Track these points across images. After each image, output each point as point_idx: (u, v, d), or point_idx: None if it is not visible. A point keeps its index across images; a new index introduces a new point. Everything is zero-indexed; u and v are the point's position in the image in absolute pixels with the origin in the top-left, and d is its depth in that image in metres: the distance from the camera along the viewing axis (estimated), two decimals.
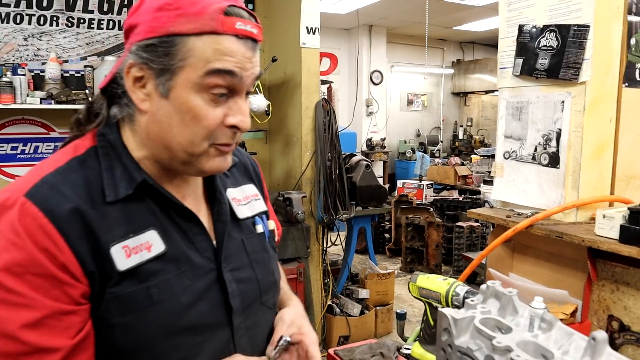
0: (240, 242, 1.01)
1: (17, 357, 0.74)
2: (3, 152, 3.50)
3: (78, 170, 0.85)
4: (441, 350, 1.08)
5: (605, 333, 0.89)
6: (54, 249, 0.77)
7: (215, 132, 0.86)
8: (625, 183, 1.85)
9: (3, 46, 3.40)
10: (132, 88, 0.86)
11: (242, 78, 0.85)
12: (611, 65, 1.57)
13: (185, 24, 0.81)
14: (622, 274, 1.44)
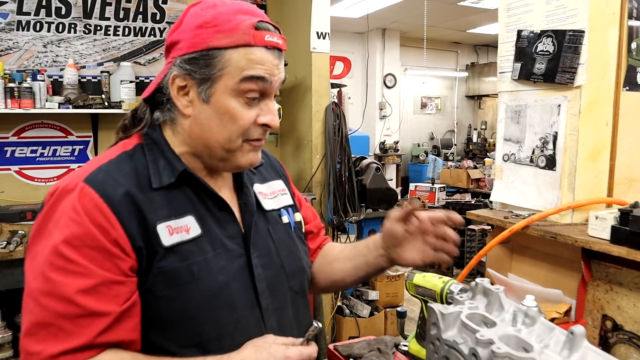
0: (266, 231, 1.12)
1: (73, 319, 0.85)
2: (23, 155, 3.62)
3: (128, 162, 0.99)
4: (430, 344, 1.13)
5: (583, 327, 0.93)
6: (107, 226, 0.89)
7: (249, 130, 0.99)
8: (627, 186, 1.87)
9: (23, 53, 3.52)
10: (176, 96, 1.00)
11: (271, 83, 0.98)
12: (607, 70, 1.60)
13: (222, 39, 0.95)
14: (616, 275, 1.46)
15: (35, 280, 0.87)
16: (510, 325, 1.03)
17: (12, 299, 3.07)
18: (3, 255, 2.64)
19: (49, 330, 0.84)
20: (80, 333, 0.85)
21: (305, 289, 1.19)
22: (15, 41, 3.48)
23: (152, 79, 3.44)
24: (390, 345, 1.54)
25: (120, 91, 3.57)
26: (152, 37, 3.88)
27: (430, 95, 10.61)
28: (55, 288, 0.85)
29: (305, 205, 1.33)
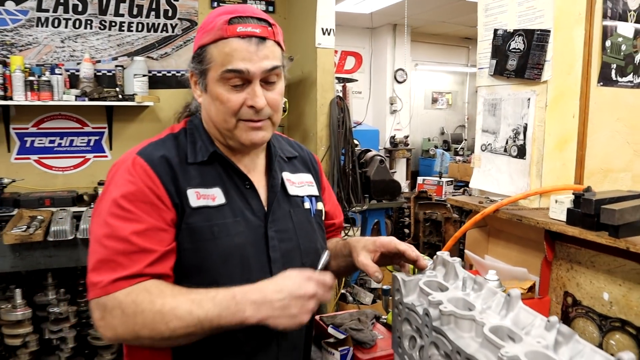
0: (287, 212, 1.28)
1: (128, 255, 1.05)
2: (42, 145, 3.81)
3: (172, 141, 1.21)
4: (395, 309, 1.28)
5: (518, 291, 1.07)
6: (153, 186, 1.11)
7: (239, 111, 1.15)
8: (603, 176, 1.99)
9: (42, 48, 3.71)
10: (193, 88, 1.23)
11: (249, 71, 1.12)
12: (573, 66, 1.72)
13: (205, 37, 1.15)
14: (575, 254, 1.59)
15: (99, 227, 1.09)
16: (460, 290, 1.17)
17: (31, 280, 3.28)
18: (23, 237, 2.82)
19: (109, 265, 1.05)
20: (132, 265, 1.05)
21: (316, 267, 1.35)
22: (35, 37, 3.68)
23: (164, 73, 3.64)
24: (371, 317, 1.69)
25: (134, 84, 3.75)
26: (164, 32, 4.05)
27: (441, 91, 10.67)
28: (114, 231, 1.06)
29: (334, 202, 1.51)
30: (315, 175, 1.43)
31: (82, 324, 3.16)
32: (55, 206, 3.41)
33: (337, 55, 9.02)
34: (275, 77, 1.18)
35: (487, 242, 1.95)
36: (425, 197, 6.48)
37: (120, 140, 3.97)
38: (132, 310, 1.01)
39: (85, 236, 2.95)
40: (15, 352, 2.95)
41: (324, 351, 1.47)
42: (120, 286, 1.03)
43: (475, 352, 0.99)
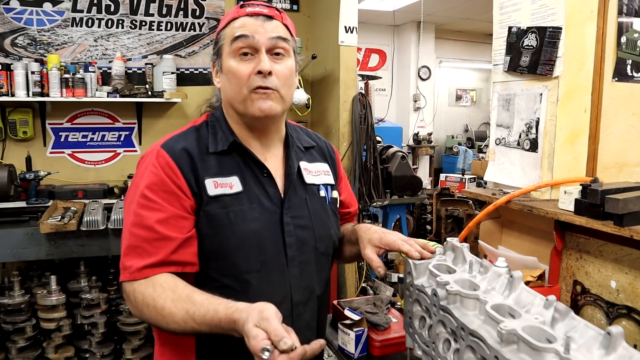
0: (303, 200, 1.35)
1: (152, 242, 1.16)
2: (75, 140, 3.98)
3: (194, 133, 1.30)
4: (406, 291, 1.36)
5: (520, 272, 1.14)
6: (173, 176, 1.20)
7: (249, 80, 1.23)
8: (618, 170, 2.03)
9: (77, 47, 3.88)
10: (214, 77, 1.34)
11: (254, 37, 1.23)
12: (585, 62, 1.76)
13: (221, 25, 1.30)
14: (585, 244, 1.64)
15: (129, 216, 1.20)
16: (467, 273, 1.25)
17: (65, 267, 3.45)
18: (58, 227, 2.97)
19: (136, 251, 1.16)
20: (157, 252, 1.16)
21: (330, 252, 1.43)
22: (70, 36, 3.85)
23: (191, 70, 3.77)
24: (386, 302, 1.77)
25: (163, 81, 3.88)
26: (192, 31, 4.17)
27: (465, 88, 10.63)
28: (141, 220, 1.17)
29: (349, 192, 1.58)
30: (332, 165, 1.49)
31: (112, 311, 3.30)
32: (87, 198, 3.57)
33: (361, 52, 9.08)
34: (283, 51, 1.27)
35: (501, 233, 2.01)
36: (448, 194, 6.51)
37: (149, 135, 4.12)
38: (140, 302, 1.14)
39: (116, 226, 3.10)
40: (49, 335, 3.11)
41: (339, 331, 1.56)
42: (147, 274, 1.15)
43: (478, 328, 1.06)
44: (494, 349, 1.00)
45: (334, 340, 1.61)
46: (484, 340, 1.03)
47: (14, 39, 3.71)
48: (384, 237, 1.33)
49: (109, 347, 3.25)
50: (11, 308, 3.01)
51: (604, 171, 1.96)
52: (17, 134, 3.72)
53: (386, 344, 1.54)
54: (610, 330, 0.88)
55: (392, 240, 1.33)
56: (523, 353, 0.95)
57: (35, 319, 3.08)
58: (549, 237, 1.75)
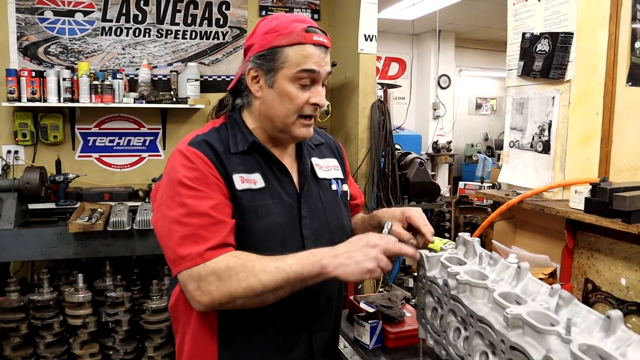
0: (317, 194, 1.45)
1: (208, 227, 1.21)
2: (103, 144, 4.12)
3: (216, 134, 1.36)
4: (419, 283, 1.42)
5: (527, 264, 1.19)
6: (209, 169, 1.27)
7: (302, 108, 1.31)
8: (632, 173, 2.06)
9: (106, 55, 4.03)
10: (251, 84, 1.35)
11: (319, 73, 1.30)
12: (597, 66, 1.81)
13: (282, 40, 1.29)
14: (595, 243, 1.68)
15: (175, 209, 1.23)
16: (477, 265, 1.30)
17: (91, 266, 3.57)
18: (86, 227, 3.08)
19: (192, 239, 1.20)
20: (214, 237, 1.21)
21: None
22: (100, 45, 4.00)
23: (215, 78, 3.89)
24: (401, 298, 1.83)
25: (187, 88, 4.00)
26: (216, 40, 4.30)
27: (485, 96, 10.62)
28: (193, 209, 1.22)
29: (354, 184, 1.68)
30: (340, 160, 1.59)
31: (135, 310, 3.40)
32: (113, 200, 3.69)
33: (381, 61, 9.15)
34: (327, 80, 1.37)
35: (514, 233, 2.05)
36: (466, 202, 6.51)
37: (173, 140, 4.24)
38: (227, 274, 1.17)
39: (141, 227, 3.20)
40: (76, 331, 3.22)
41: (355, 323, 1.62)
42: (210, 256, 1.19)
43: (486, 315, 1.12)
44: (500, 333, 1.05)
45: (350, 333, 1.67)
46: (491, 325, 1.08)
47: (47, 48, 3.88)
48: (405, 211, 1.42)
49: (132, 344, 3.35)
50: (40, 304, 3.13)
51: (618, 174, 1.99)
52: (48, 138, 3.87)
53: (400, 336, 1.60)
54: (610, 314, 0.93)
55: (414, 215, 1.41)
56: (527, 336, 1.01)
57: (63, 315, 3.19)
58: (560, 236, 1.79)
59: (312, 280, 1.19)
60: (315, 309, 1.41)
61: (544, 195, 1.85)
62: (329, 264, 1.17)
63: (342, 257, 1.18)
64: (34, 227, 3.23)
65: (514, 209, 1.94)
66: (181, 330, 1.40)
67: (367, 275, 1.17)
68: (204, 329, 1.34)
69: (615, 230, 1.52)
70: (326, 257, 1.18)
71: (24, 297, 3.15)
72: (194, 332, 1.35)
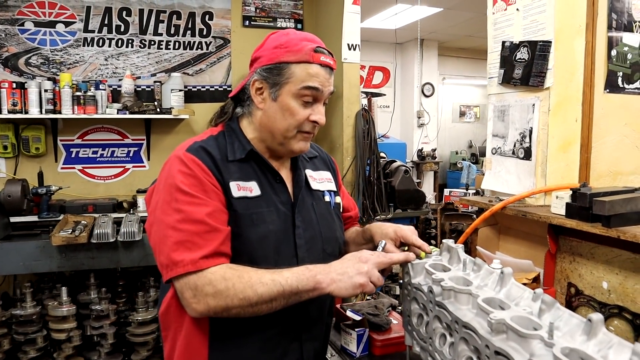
0: (311, 204, 1.47)
1: (203, 235, 1.22)
2: (86, 156, 4.09)
3: (213, 142, 1.37)
4: (404, 290, 1.43)
5: (510, 269, 1.21)
6: (207, 176, 1.28)
7: (302, 124, 1.33)
8: (612, 178, 2.09)
9: (88, 66, 4.01)
10: (254, 95, 1.37)
11: (322, 92, 1.33)
12: (575, 74, 1.84)
13: (290, 56, 1.31)
14: (577, 247, 1.70)
15: (170, 215, 1.24)
16: (461, 271, 1.32)
17: (76, 279, 3.52)
18: (69, 240, 3.05)
19: (185, 245, 1.20)
20: (208, 244, 1.21)
21: (336, 253, 1.51)
22: (82, 56, 3.98)
23: (199, 88, 3.89)
24: (387, 305, 1.84)
25: (171, 99, 3.99)
26: (199, 50, 4.30)
27: (469, 104, 10.73)
28: (189, 215, 1.22)
29: (348, 197, 1.70)
30: (333, 173, 1.61)
31: (120, 323, 3.36)
32: (97, 212, 3.66)
33: (365, 70, 9.21)
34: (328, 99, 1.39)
35: (498, 239, 2.08)
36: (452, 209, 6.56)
37: (157, 151, 4.22)
38: (223, 285, 1.18)
39: (125, 239, 3.17)
40: (60, 346, 3.17)
41: (342, 332, 1.63)
42: (203, 265, 1.20)
43: (471, 320, 1.13)
44: (484, 338, 1.06)
45: (337, 341, 1.67)
46: (476, 331, 1.09)
47: (28, 59, 3.84)
48: (398, 230, 1.44)
49: (118, 358, 3.31)
50: (23, 319, 3.08)
51: (598, 179, 2.02)
52: (29, 150, 3.82)
53: (387, 344, 1.60)
54: (591, 317, 0.95)
55: (408, 234, 1.43)
56: (511, 341, 1.02)
57: (47, 330, 3.15)
58: (543, 241, 1.81)
59: (307, 295, 1.21)
60: (306, 319, 1.42)
61: (526, 201, 1.88)
62: (323, 280, 1.19)
63: (335, 273, 1.20)
64: (16, 241, 3.19)
65: (498, 215, 1.96)
66: (171, 336, 1.40)
67: (359, 290, 1.20)
68: (196, 335, 1.34)
69: (595, 235, 1.54)
70: (320, 273, 1.20)
71: (6, 312, 3.10)
72: (186, 338, 1.35)
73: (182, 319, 1.34)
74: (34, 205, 3.58)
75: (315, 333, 1.47)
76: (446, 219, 6.26)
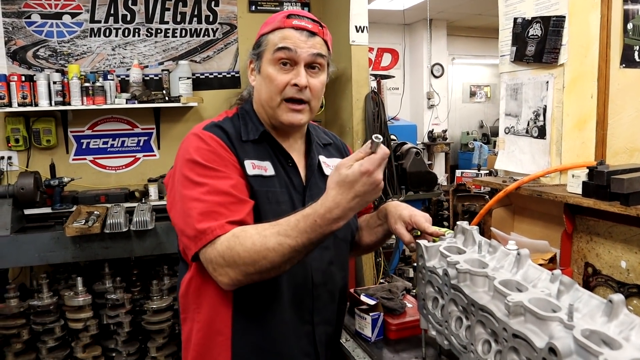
0: (322, 190, 1.42)
1: (229, 205, 1.22)
2: (96, 146, 4.10)
3: (229, 122, 1.39)
4: (419, 273, 1.41)
5: (527, 250, 1.18)
6: (226, 152, 1.30)
7: (283, 89, 1.32)
8: (628, 155, 2.05)
9: (96, 56, 4.00)
10: (249, 75, 1.42)
11: (296, 52, 1.30)
12: (590, 49, 1.80)
13: (266, 28, 1.36)
14: (595, 226, 1.67)
15: (192, 190, 1.24)
16: (476, 253, 1.29)
17: (90, 269, 3.55)
18: (83, 230, 3.07)
19: (211, 215, 1.20)
20: (233, 215, 1.21)
21: (348, 239, 1.52)
22: (89, 46, 3.96)
23: (207, 75, 3.87)
24: (401, 289, 1.82)
25: (179, 87, 3.98)
26: (206, 37, 4.27)
27: (479, 84, 10.60)
28: (214, 187, 1.23)
29: None
30: None
31: (136, 311, 3.39)
32: (109, 202, 3.67)
33: (374, 52, 9.12)
34: (319, 66, 1.35)
35: (513, 220, 2.05)
36: (464, 190, 6.51)
37: (167, 139, 4.21)
38: (229, 255, 1.16)
39: (138, 228, 3.18)
40: (77, 335, 3.20)
41: (356, 316, 1.62)
42: (228, 228, 1.18)
43: (488, 303, 1.11)
44: (502, 321, 1.04)
45: (351, 326, 1.67)
46: (493, 314, 1.07)
47: (36, 51, 3.84)
48: (413, 216, 1.42)
49: (135, 345, 3.34)
50: (40, 309, 3.11)
51: (614, 156, 1.99)
52: (41, 143, 3.84)
53: (402, 328, 1.59)
54: (612, 298, 0.93)
55: (421, 220, 1.42)
56: (529, 323, 1.00)
57: (64, 319, 3.17)
58: (559, 221, 1.79)
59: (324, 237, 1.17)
60: (318, 302, 1.41)
61: (541, 180, 1.85)
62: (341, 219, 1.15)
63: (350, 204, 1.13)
64: (31, 233, 3.20)
65: (512, 195, 1.93)
66: (190, 317, 1.40)
67: None
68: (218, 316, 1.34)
69: (613, 213, 1.51)
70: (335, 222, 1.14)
71: (23, 303, 3.13)
72: (207, 319, 1.35)
73: (201, 300, 1.35)
74: (47, 197, 3.60)
75: (327, 317, 1.46)
76: (458, 200, 6.22)
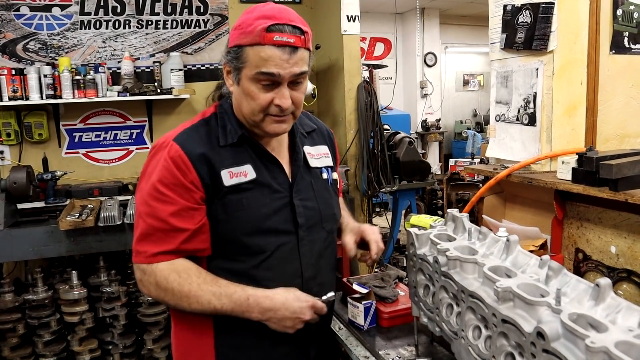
0: (309, 183, 1.47)
1: (165, 232, 1.27)
2: (89, 140, 4.08)
3: (204, 126, 1.36)
4: (410, 261, 1.42)
5: (516, 236, 1.19)
6: (186, 170, 1.27)
7: (267, 108, 1.28)
8: (619, 141, 2.06)
9: (86, 49, 3.97)
10: (225, 77, 1.36)
11: (280, 75, 1.24)
12: (579, 35, 1.80)
13: (243, 38, 1.25)
14: (585, 212, 1.69)
15: (141, 205, 1.30)
16: (466, 240, 1.30)
17: (85, 263, 3.55)
18: (77, 224, 3.06)
19: (150, 238, 1.27)
20: (169, 242, 1.27)
21: (334, 230, 1.55)
22: (79, 39, 3.93)
23: (198, 67, 3.83)
24: (393, 277, 1.83)
25: (171, 79, 3.95)
26: (197, 28, 4.24)
27: (472, 72, 10.60)
28: (154, 211, 1.27)
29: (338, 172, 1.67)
30: (331, 147, 1.59)
31: (132, 304, 3.39)
32: (103, 195, 3.65)
33: (366, 42, 9.09)
34: (302, 79, 1.31)
35: (504, 207, 2.06)
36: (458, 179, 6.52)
37: (160, 132, 4.19)
38: (163, 286, 1.27)
39: (132, 221, 3.18)
40: (73, 328, 3.21)
41: (349, 305, 1.63)
42: (160, 259, 1.27)
43: (477, 289, 1.12)
44: (491, 307, 1.06)
45: (344, 314, 1.68)
46: (483, 299, 1.09)
47: (26, 44, 3.81)
48: (362, 228, 1.56)
49: (131, 338, 3.35)
50: (36, 304, 3.11)
51: (605, 143, 2.00)
52: (32, 137, 3.82)
53: (394, 315, 1.60)
54: (599, 282, 0.94)
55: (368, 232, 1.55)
56: (518, 308, 1.01)
57: (59, 313, 3.18)
58: (550, 208, 1.80)
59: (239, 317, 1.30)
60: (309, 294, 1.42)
61: (531, 167, 1.86)
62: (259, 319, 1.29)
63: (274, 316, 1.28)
64: (25, 227, 3.19)
65: (503, 182, 1.94)
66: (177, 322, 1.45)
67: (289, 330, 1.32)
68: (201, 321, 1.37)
69: (603, 199, 1.53)
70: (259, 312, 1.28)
71: (18, 297, 3.12)
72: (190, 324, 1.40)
73: None
74: (40, 191, 3.58)
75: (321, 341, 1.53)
76: (452, 189, 6.23)
